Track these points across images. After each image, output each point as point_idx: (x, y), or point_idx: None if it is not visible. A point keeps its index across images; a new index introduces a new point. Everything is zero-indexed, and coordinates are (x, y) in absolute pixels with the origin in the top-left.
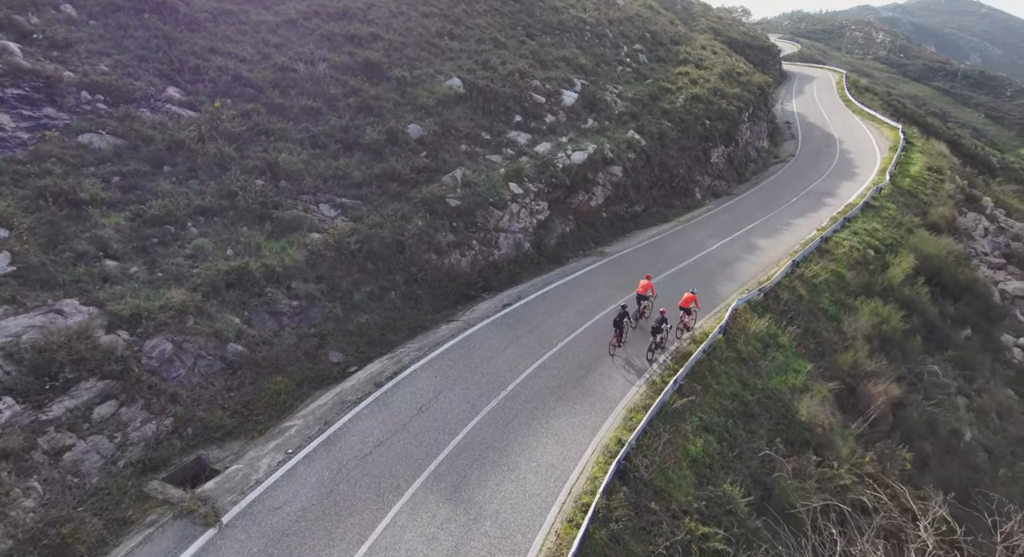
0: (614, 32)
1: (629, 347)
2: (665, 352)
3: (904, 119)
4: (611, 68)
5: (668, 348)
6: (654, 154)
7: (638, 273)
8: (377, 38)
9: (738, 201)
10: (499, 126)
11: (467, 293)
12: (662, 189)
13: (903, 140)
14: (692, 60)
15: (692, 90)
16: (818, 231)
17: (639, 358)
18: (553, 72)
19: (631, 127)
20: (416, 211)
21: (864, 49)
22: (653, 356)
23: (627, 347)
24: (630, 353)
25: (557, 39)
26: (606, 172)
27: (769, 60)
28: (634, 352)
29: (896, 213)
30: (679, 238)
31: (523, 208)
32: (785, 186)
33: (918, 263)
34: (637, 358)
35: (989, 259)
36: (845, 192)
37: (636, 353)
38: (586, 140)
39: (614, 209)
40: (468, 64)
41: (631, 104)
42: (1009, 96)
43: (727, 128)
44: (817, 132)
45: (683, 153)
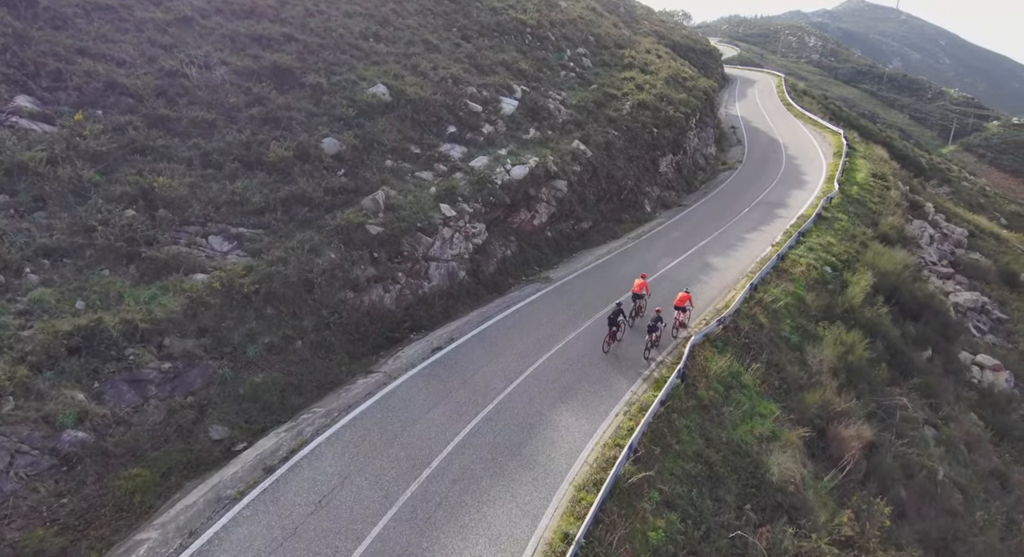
0: (556, 35)
1: (616, 357)
2: (661, 350)
3: (842, 123)
4: (554, 73)
5: (664, 346)
6: (601, 165)
7: (585, 303)
8: (290, 39)
9: (689, 213)
10: (430, 138)
11: (392, 335)
12: (610, 203)
13: (846, 146)
14: (637, 64)
15: (638, 96)
16: (773, 247)
17: (603, 391)
18: (491, 78)
19: (576, 137)
20: (329, 241)
21: (798, 53)
22: (650, 355)
23: (615, 355)
24: (603, 373)
25: (496, 42)
26: (550, 187)
27: (711, 64)
28: (599, 376)
29: (848, 225)
30: (630, 258)
31: (457, 232)
32: (735, 196)
33: (876, 280)
34: (604, 389)
35: (938, 269)
36: (796, 202)
37: (600, 378)
38: (527, 152)
39: (559, 227)
40: (396, 69)
41: (575, 112)
42: (930, 98)
43: (675, 136)
44: (763, 137)
45: (631, 163)
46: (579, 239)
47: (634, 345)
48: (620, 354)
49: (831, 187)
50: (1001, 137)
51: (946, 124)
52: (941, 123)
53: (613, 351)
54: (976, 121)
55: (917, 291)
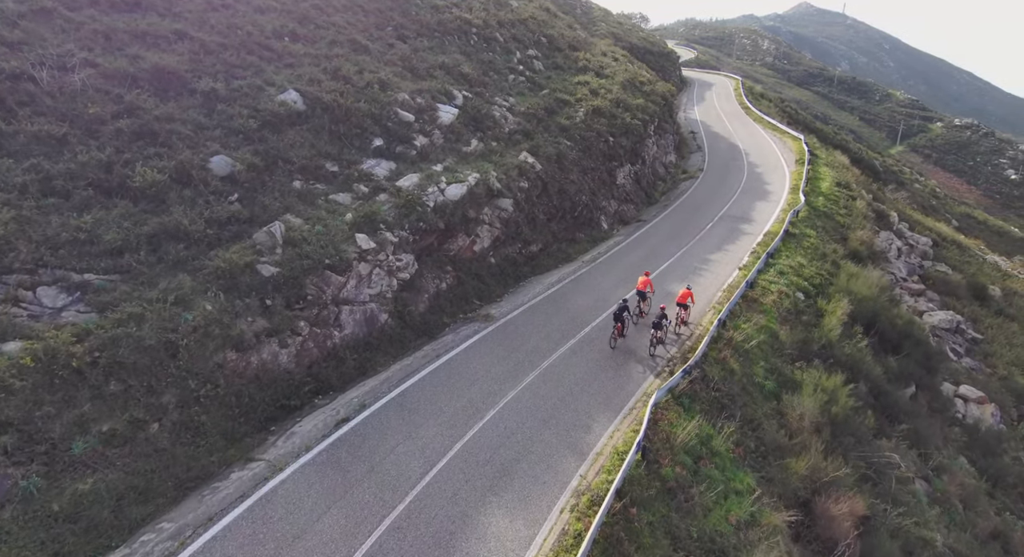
0: (505, 36)
1: (559, 424)
2: (666, 346)
3: (800, 126)
4: (501, 77)
5: (668, 341)
6: (551, 180)
7: (531, 348)
8: (183, 37)
9: (649, 229)
10: (351, 154)
11: (288, 402)
12: (563, 221)
13: (808, 153)
14: (592, 68)
15: (593, 102)
16: (741, 271)
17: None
18: (427, 83)
19: (524, 148)
20: (205, 288)
21: (752, 56)
22: (655, 351)
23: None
24: (547, 448)
25: (436, 43)
26: (493, 207)
27: (670, 66)
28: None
29: (818, 242)
30: (583, 287)
31: (377, 267)
32: (697, 209)
33: (852, 308)
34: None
35: (909, 285)
36: (761, 215)
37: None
38: (467, 167)
39: (505, 252)
40: (313, 73)
41: (524, 120)
42: (878, 100)
43: (633, 144)
44: (723, 143)
45: (585, 176)
46: (528, 264)
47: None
48: (561, 422)
49: (796, 198)
50: (944, 138)
51: (893, 126)
52: (889, 124)
53: (623, 345)
54: (921, 123)
55: (896, 319)
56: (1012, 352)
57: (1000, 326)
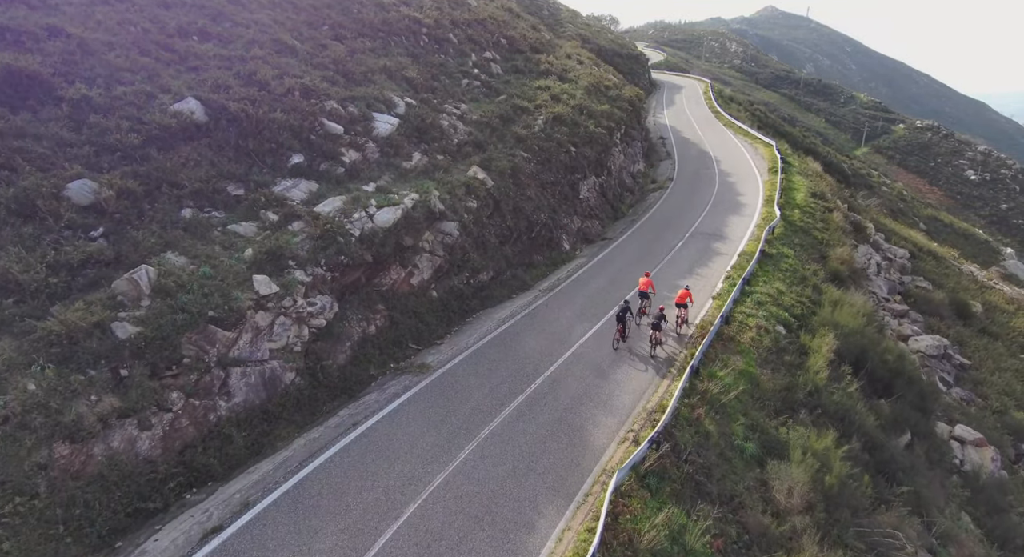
0: (460, 37)
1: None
2: (664, 346)
3: (770, 130)
4: (453, 82)
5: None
6: (505, 197)
7: (471, 410)
8: (56, 34)
9: (615, 249)
10: (261, 174)
11: (145, 505)
12: (518, 244)
13: (780, 161)
14: (555, 71)
15: (554, 109)
16: (715, 302)
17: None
18: (363, 89)
19: (475, 161)
20: (29, 360)
21: (720, 58)
22: (655, 352)
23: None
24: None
25: (380, 44)
26: (435, 231)
27: (639, 69)
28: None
29: (796, 263)
30: (537, 323)
31: (283, 314)
32: (667, 224)
33: (838, 343)
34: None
35: (891, 306)
36: (735, 232)
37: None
38: (405, 187)
39: (449, 284)
40: (222, 77)
41: (476, 129)
42: (843, 103)
43: (597, 154)
44: (693, 150)
45: (544, 191)
46: (476, 296)
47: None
48: (499, 519)
49: (771, 211)
50: (907, 139)
51: (858, 127)
52: (854, 126)
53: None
54: (884, 124)
55: (886, 354)
56: (1002, 379)
57: (986, 348)
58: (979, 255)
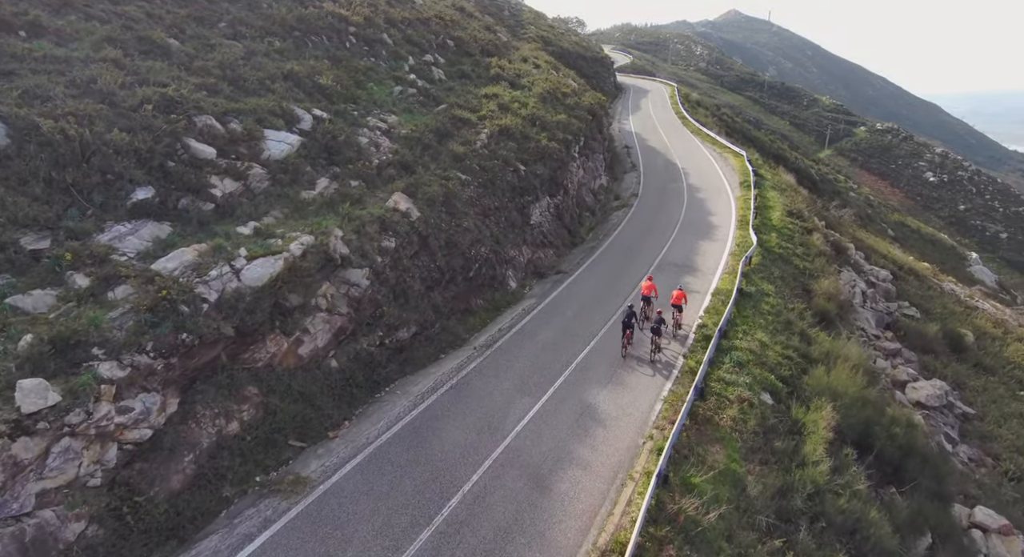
0: (396, 37)
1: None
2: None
3: (738, 136)
4: (383, 89)
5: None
6: (435, 231)
7: (355, 555)
8: None
9: (570, 285)
10: (80, 217)
11: None
12: (451, 287)
13: (753, 173)
14: (507, 76)
15: (501, 121)
16: (686, 363)
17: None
18: (257, 100)
19: (399, 187)
20: None
21: (687, 61)
22: (654, 357)
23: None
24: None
25: (292, 45)
26: (338, 282)
27: (604, 72)
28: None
29: (778, 301)
30: (464, 401)
31: (68, 436)
32: (630, 252)
33: (837, 416)
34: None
35: (883, 345)
36: (707, 261)
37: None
38: (299, 226)
39: (355, 348)
40: (44, 85)
41: (405, 147)
42: (806, 105)
43: (552, 172)
44: (660, 160)
45: (487, 219)
46: (393, 360)
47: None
48: None
49: (745, 235)
50: (868, 142)
51: (821, 130)
52: (817, 129)
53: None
54: (846, 127)
55: (894, 427)
56: (1010, 430)
57: (986, 389)
58: (947, 261)
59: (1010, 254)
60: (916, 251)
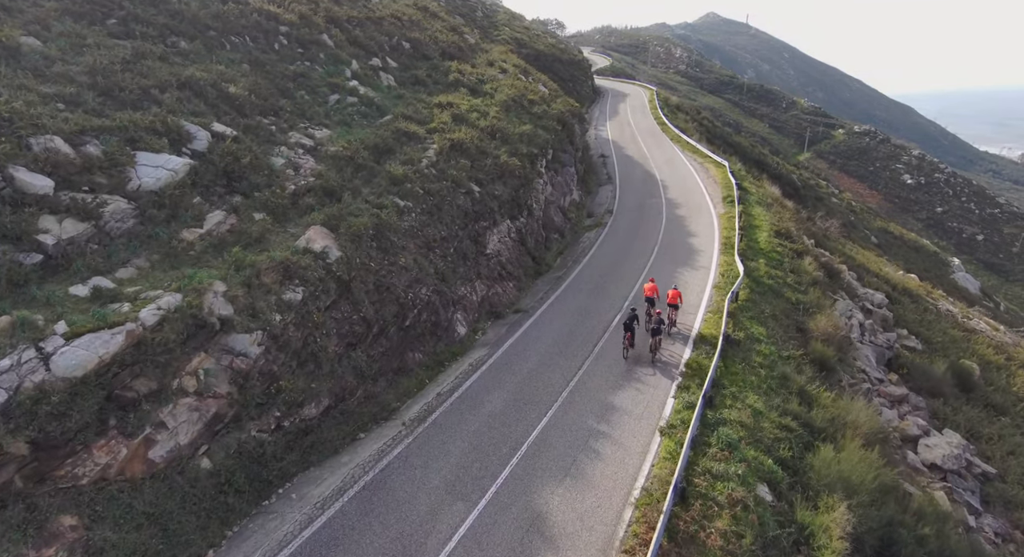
0: (339, 38)
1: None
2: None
3: (719, 142)
4: (316, 99)
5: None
6: (361, 274)
7: None
8: None
9: (530, 329)
10: None
11: None
12: (382, 341)
13: (736, 187)
14: (468, 83)
15: (453, 135)
16: (663, 443)
17: None
18: (132, 114)
19: (316, 219)
20: None
21: (666, 63)
22: (655, 356)
23: None
24: None
25: (202, 46)
26: (216, 352)
27: (581, 76)
28: None
29: (771, 350)
30: (376, 510)
31: None
32: (601, 285)
33: (853, 518)
34: None
35: (886, 390)
36: (688, 297)
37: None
38: (167, 278)
39: (236, 439)
40: None
41: (332, 168)
42: (784, 108)
43: (513, 192)
44: (637, 171)
45: (431, 253)
46: (294, 448)
47: None
48: None
49: (731, 262)
50: (847, 144)
51: (800, 133)
52: (796, 132)
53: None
54: (825, 129)
55: (923, 528)
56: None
57: (1003, 437)
58: (931, 268)
59: (987, 256)
60: (900, 258)
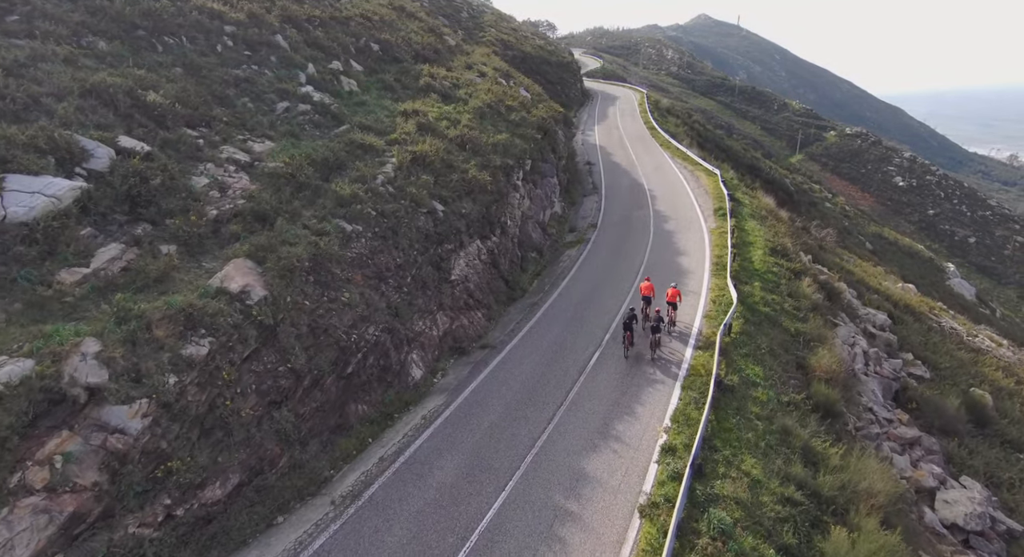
0: (295, 39)
1: None
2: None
3: (710, 146)
4: (261, 107)
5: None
6: (292, 315)
7: None
8: None
9: (497, 370)
10: None
11: None
12: (316, 395)
13: (728, 198)
14: (440, 88)
15: (417, 147)
16: (642, 528)
17: None
18: (2, 129)
19: (240, 252)
20: None
21: (658, 65)
22: (655, 354)
23: None
24: None
25: (125, 48)
26: (83, 431)
27: (570, 78)
28: None
29: (768, 393)
30: None
31: None
32: (579, 314)
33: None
34: None
35: (897, 433)
36: (674, 332)
37: None
38: (16, 339)
39: (105, 540)
40: None
41: (269, 188)
42: (776, 110)
43: (484, 209)
44: (624, 180)
45: (382, 284)
46: (189, 542)
47: None
48: None
49: (723, 286)
50: (838, 146)
51: (792, 135)
52: (788, 134)
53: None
54: (816, 131)
55: None
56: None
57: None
58: (927, 275)
59: (979, 259)
60: (895, 264)
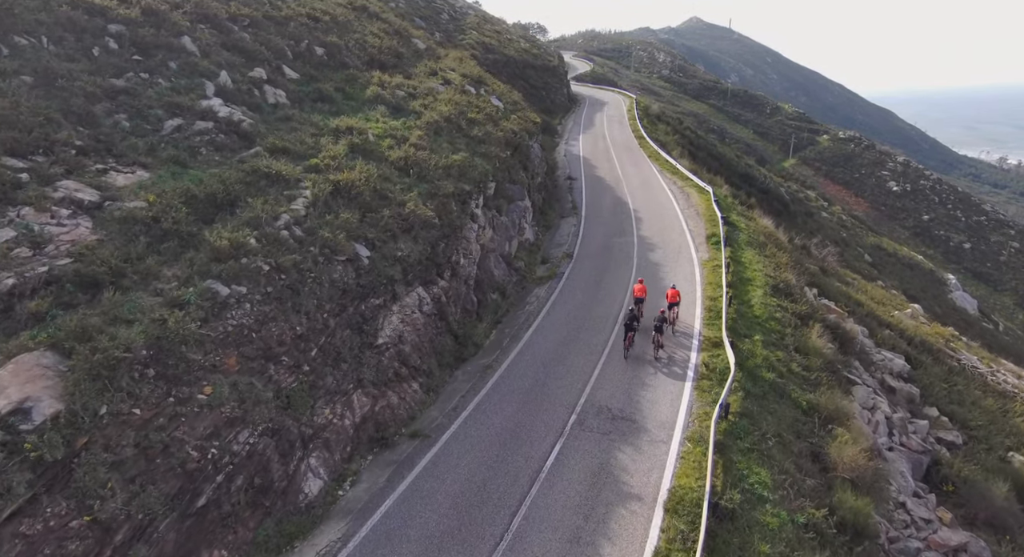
0: (211, 41)
1: None
2: (665, 348)
3: (702, 155)
4: (139, 125)
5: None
6: (104, 438)
7: None
8: None
9: (422, 478)
10: None
11: None
12: (141, 550)
13: (722, 222)
14: (390, 99)
15: (341, 175)
16: None
17: None
18: None
19: (39, 341)
20: None
21: (650, 68)
22: (658, 354)
23: None
24: None
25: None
26: None
27: (556, 83)
28: None
29: (781, 517)
30: None
31: None
32: (542, 379)
33: None
34: None
35: (939, 537)
36: (657, 408)
37: None
38: None
39: None
40: None
41: (116, 239)
42: (769, 113)
43: (428, 248)
44: (608, 198)
45: (269, 366)
46: None
47: None
48: None
49: (718, 341)
50: (832, 150)
51: (785, 139)
52: (781, 138)
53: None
54: (810, 135)
55: None
56: None
57: None
58: (928, 288)
59: (975, 265)
60: (896, 278)
